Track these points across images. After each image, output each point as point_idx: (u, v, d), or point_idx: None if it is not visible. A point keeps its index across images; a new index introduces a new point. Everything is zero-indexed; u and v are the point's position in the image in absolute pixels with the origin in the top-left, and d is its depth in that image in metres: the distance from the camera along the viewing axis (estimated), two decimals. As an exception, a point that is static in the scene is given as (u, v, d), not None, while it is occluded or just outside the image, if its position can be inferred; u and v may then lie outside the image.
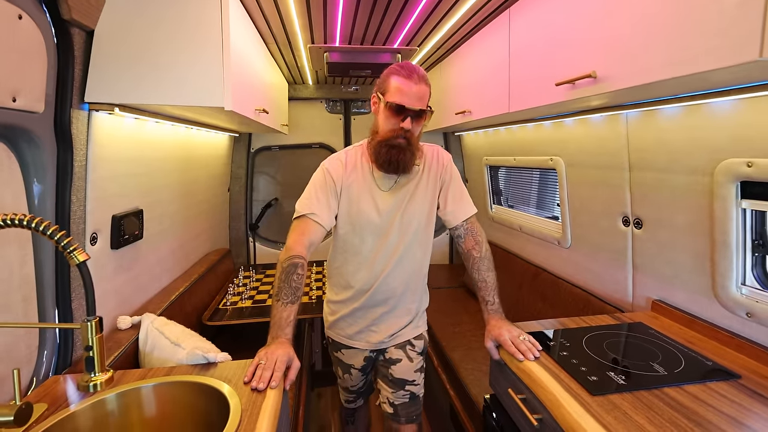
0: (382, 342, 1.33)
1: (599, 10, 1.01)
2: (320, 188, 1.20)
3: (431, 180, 1.27)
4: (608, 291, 1.55)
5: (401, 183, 1.25)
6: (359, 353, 1.35)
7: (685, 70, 0.78)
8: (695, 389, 0.90)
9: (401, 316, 1.32)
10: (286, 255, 1.12)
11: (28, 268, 1.04)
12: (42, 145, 1.03)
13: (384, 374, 1.36)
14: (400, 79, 1.11)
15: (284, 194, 3.09)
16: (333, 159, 1.26)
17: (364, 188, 1.23)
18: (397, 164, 1.15)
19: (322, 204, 1.19)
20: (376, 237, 1.24)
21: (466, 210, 1.29)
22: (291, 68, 2.44)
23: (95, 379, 0.79)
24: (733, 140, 1.02)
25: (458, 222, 1.28)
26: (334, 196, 1.21)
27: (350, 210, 1.23)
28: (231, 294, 2.11)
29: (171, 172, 1.81)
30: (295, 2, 1.43)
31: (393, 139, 1.13)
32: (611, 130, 1.40)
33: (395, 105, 1.11)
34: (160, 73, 1.20)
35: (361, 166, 1.24)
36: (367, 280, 1.26)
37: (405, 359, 1.33)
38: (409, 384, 1.33)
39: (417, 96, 1.11)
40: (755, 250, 1.06)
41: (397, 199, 1.24)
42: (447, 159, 1.30)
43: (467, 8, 1.49)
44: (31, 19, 0.93)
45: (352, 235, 1.25)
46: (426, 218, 1.28)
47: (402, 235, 1.25)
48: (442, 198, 1.29)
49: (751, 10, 0.65)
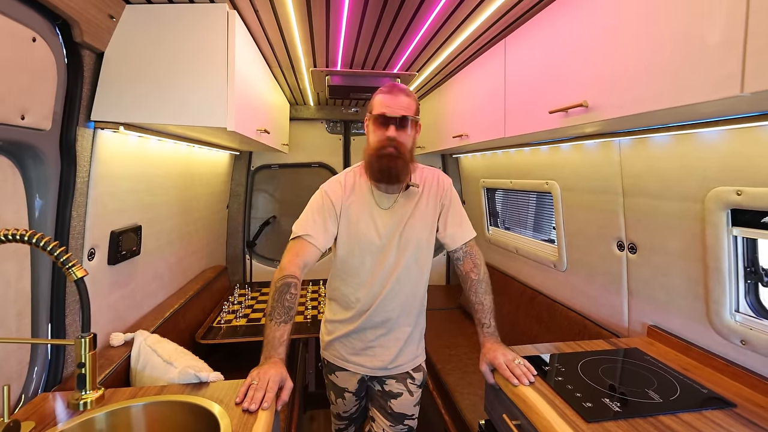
0: (378, 369, 1.30)
1: (590, 43, 1.05)
2: (317, 210, 1.22)
3: (431, 202, 1.29)
4: (604, 315, 1.55)
5: (400, 203, 1.26)
6: (353, 376, 1.33)
7: (672, 102, 0.81)
8: (691, 417, 0.89)
9: (398, 338, 1.31)
10: (280, 275, 1.13)
11: (24, 282, 1.04)
12: (46, 161, 1.05)
13: (381, 406, 1.33)
14: (382, 95, 1.19)
15: (282, 212, 3.11)
16: (332, 181, 1.28)
17: (363, 208, 1.24)
18: (389, 172, 1.16)
19: (318, 226, 1.21)
20: (375, 256, 1.24)
21: (466, 234, 1.30)
22: (293, 90, 2.51)
23: (85, 397, 0.79)
24: (723, 169, 1.04)
25: (458, 245, 1.29)
26: (332, 218, 1.23)
27: (349, 230, 1.24)
28: (226, 312, 2.10)
29: (171, 189, 1.83)
30: (299, 28, 1.49)
31: (382, 149, 1.16)
32: (605, 157, 1.43)
33: (379, 115, 1.17)
34: (166, 93, 1.23)
35: (360, 187, 1.26)
36: (365, 301, 1.26)
37: (406, 393, 1.31)
38: (408, 419, 1.32)
39: (398, 105, 1.16)
40: (747, 277, 1.07)
41: (396, 218, 1.25)
42: (448, 183, 1.33)
43: (465, 37, 1.55)
44: (45, 41, 0.97)
45: (351, 255, 1.25)
46: (425, 239, 1.28)
47: (400, 254, 1.25)
48: (442, 221, 1.30)
49: (731, 49, 0.69)
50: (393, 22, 1.42)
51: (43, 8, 0.95)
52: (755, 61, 0.65)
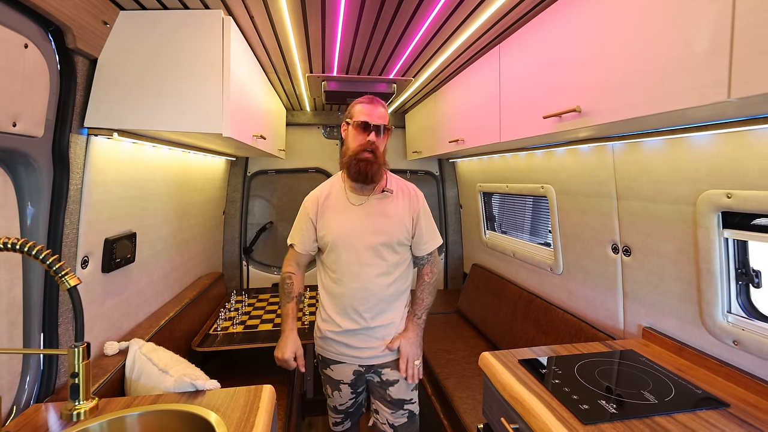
0: (371, 357, 1.39)
1: (583, 50, 1.07)
2: (298, 221, 1.47)
3: (403, 206, 1.41)
4: (600, 318, 1.56)
5: (372, 202, 1.39)
6: (347, 368, 1.42)
7: (662, 108, 0.82)
8: (685, 418, 0.90)
9: (382, 326, 1.38)
10: (281, 275, 1.49)
11: (16, 291, 1.03)
12: (39, 168, 1.04)
13: (381, 395, 1.43)
14: (363, 105, 1.36)
15: (279, 218, 3.10)
16: (310, 194, 1.47)
17: (337, 206, 1.41)
18: (366, 174, 1.32)
19: (299, 235, 1.46)
20: (349, 251, 1.36)
21: (436, 243, 1.47)
22: (289, 96, 2.51)
23: (79, 408, 0.78)
24: (713, 172, 1.06)
25: (425, 254, 1.46)
26: (309, 226, 1.43)
27: (325, 226, 1.39)
28: (222, 319, 2.08)
29: (166, 195, 1.82)
30: (294, 34, 1.50)
31: (361, 152, 1.32)
32: (599, 160, 1.45)
33: (361, 122, 1.33)
34: (160, 99, 1.23)
35: (336, 190, 1.43)
36: (346, 293, 1.37)
37: (402, 379, 1.41)
38: (407, 403, 1.42)
39: (378, 115, 1.34)
40: (738, 278, 1.09)
41: (367, 213, 1.38)
42: (421, 196, 1.48)
43: (460, 43, 1.57)
44: (37, 48, 0.97)
45: (329, 251, 1.39)
46: (395, 235, 1.37)
47: (372, 249, 1.35)
48: (418, 231, 1.42)
49: (718, 56, 0.70)
50: (389, 27, 1.43)
51: (35, 15, 0.95)
52: (741, 67, 0.66)
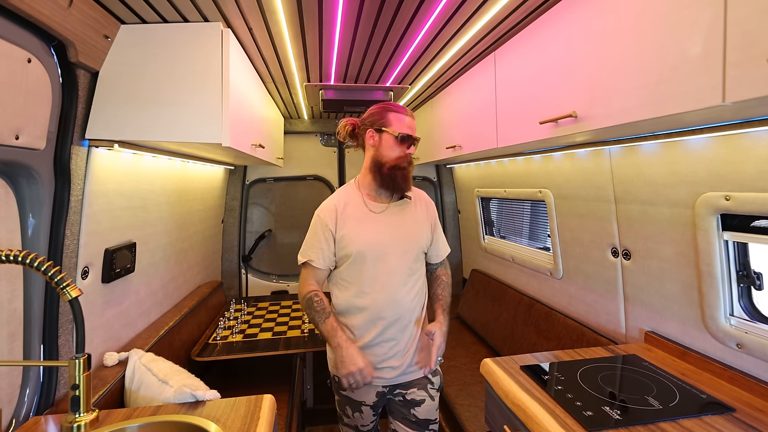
0: (396, 377, 1.31)
1: (578, 56, 1.08)
2: (313, 235, 1.33)
3: (421, 214, 1.39)
4: (601, 322, 1.55)
5: (393, 210, 1.35)
6: (371, 389, 1.33)
7: (657, 112, 0.83)
8: (691, 423, 0.89)
9: (409, 342, 1.32)
10: (302, 295, 1.32)
11: (16, 302, 1.03)
12: (40, 180, 1.05)
13: (405, 416, 1.33)
14: (401, 116, 1.31)
15: (278, 226, 3.10)
16: (325, 205, 1.35)
17: (357, 214, 1.32)
18: (401, 185, 1.30)
19: (315, 249, 1.31)
20: (376, 261, 1.28)
21: (447, 249, 1.49)
22: (287, 104, 2.53)
23: (79, 420, 0.77)
24: (711, 175, 1.06)
25: (440, 260, 1.46)
26: (327, 238, 1.31)
27: (346, 236, 1.29)
28: (221, 328, 2.07)
29: (166, 205, 1.82)
30: (292, 45, 1.51)
31: (403, 161, 1.30)
32: (596, 165, 1.45)
33: (405, 135, 1.29)
34: (161, 110, 1.24)
35: (353, 201, 1.34)
36: (367, 306, 1.27)
37: (428, 399, 1.33)
38: (432, 423, 1.34)
39: (414, 128, 1.33)
40: (740, 280, 1.09)
41: (390, 222, 1.33)
42: (433, 204, 1.47)
43: (455, 51, 1.58)
44: (40, 62, 0.98)
45: (351, 263, 1.29)
46: (418, 243, 1.34)
47: (400, 257, 1.30)
48: (435, 237, 1.42)
49: (712, 61, 0.71)
50: (385, 36, 1.45)
51: (39, 30, 0.96)
52: (735, 71, 0.67)
